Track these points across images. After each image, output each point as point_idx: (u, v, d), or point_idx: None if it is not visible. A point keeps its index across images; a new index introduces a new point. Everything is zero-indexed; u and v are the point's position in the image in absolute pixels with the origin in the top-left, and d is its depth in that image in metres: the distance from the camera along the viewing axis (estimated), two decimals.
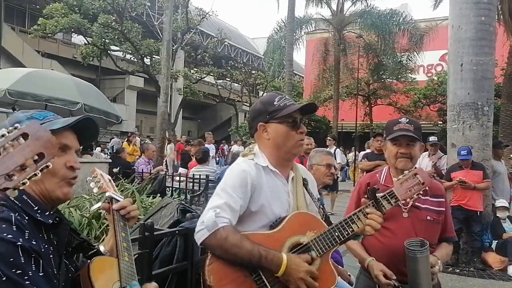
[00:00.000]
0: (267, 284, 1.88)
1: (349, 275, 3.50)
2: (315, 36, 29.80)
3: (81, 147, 1.62)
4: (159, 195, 5.80)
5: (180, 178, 7.53)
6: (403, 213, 2.48)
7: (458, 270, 6.61)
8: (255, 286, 1.89)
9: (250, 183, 1.97)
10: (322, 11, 26.52)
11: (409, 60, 26.60)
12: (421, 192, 2.14)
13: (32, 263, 1.20)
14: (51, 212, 1.36)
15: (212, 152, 10.82)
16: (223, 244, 1.85)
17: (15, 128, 0.93)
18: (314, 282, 1.88)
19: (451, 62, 7.60)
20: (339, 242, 1.99)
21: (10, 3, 31.06)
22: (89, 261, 1.54)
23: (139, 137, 20.89)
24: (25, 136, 0.93)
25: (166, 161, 16.13)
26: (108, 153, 13.42)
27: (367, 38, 26.29)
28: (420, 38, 24.84)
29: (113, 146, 14.93)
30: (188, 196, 6.61)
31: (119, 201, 1.72)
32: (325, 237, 1.97)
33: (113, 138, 21.97)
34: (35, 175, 0.93)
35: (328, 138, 10.99)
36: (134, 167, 9.17)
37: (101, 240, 2.71)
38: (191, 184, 6.91)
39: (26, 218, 1.28)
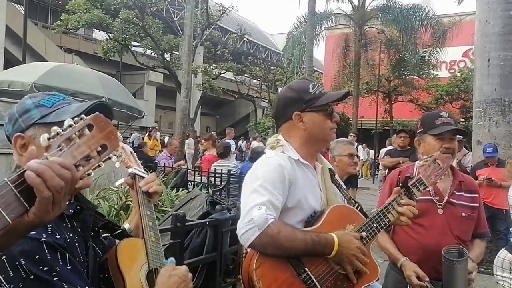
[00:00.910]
0: (316, 283, 1.81)
1: None
2: (336, 31, 29.53)
3: None
4: (181, 188, 5.86)
5: (201, 173, 7.59)
6: (438, 209, 2.43)
7: (482, 269, 6.49)
8: (304, 286, 1.80)
9: (288, 179, 1.88)
10: (343, 6, 26.12)
11: (432, 56, 26.13)
12: (441, 177, 2.15)
13: (59, 257, 1.18)
14: (71, 201, 1.34)
15: (232, 148, 10.85)
16: (276, 240, 1.74)
17: (81, 118, 0.94)
18: (365, 258, 1.86)
19: (477, 58, 7.46)
20: (377, 233, 1.97)
21: None
22: (116, 241, 1.53)
23: (159, 132, 21.08)
24: (90, 127, 0.94)
25: (185, 156, 16.26)
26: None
27: (389, 34, 25.93)
28: (443, 33, 24.38)
29: (133, 141, 15.07)
30: (210, 191, 6.66)
31: (142, 176, 1.67)
32: (365, 229, 1.95)
33: (132, 133, 22.15)
34: (99, 166, 0.95)
35: (351, 134, 10.90)
36: (156, 161, 9.26)
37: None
38: (213, 178, 6.95)
39: None
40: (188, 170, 7.73)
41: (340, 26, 28.54)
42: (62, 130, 0.91)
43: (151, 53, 27.42)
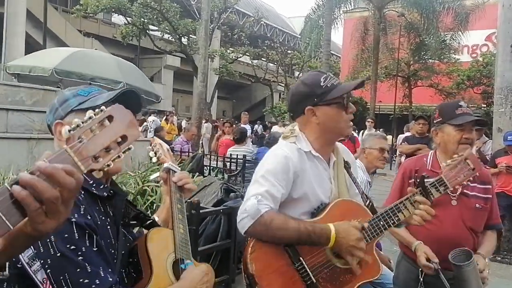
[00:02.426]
0: (310, 273, 1.84)
1: (389, 261, 3.49)
2: (354, 15, 29.04)
3: None
4: (197, 173, 5.91)
5: (217, 158, 7.64)
6: (452, 200, 2.41)
7: (499, 258, 6.45)
8: (298, 275, 1.84)
9: (293, 171, 1.90)
10: None
11: (453, 40, 25.48)
12: (470, 179, 2.06)
13: (86, 238, 1.23)
14: (106, 186, 1.40)
15: (248, 133, 10.86)
16: (269, 228, 1.79)
17: (101, 110, 0.95)
18: (363, 251, 1.83)
19: (500, 43, 7.29)
20: (384, 231, 1.93)
21: None
22: (146, 231, 1.58)
23: (175, 116, 21.19)
24: (110, 118, 0.94)
25: (202, 140, 16.34)
26: (149, 128, 13.71)
27: (409, 17, 25.38)
28: (466, 17, 23.73)
29: (153, 121, 15.19)
30: (226, 176, 6.70)
31: (175, 172, 1.74)
32: (371, 226, 1.90)
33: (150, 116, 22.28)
34: (119, 157, 0.96)
35: (368, 120, 10.79)
36: (173, 145, 9.34)
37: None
38: (229, 163, 6.99)
39: (82, 192, 1.31)
40: (205, 155, 7.78)
41: (359, 9, 28.05)
42: (83, 122, 0.91)
43: (168, 37, 27.45)
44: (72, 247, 1.19)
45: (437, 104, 3.14)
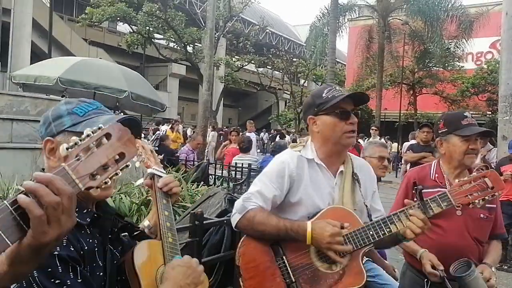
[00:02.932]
0: (290, 271, 1.92)
1: (394, 270, 3.46)
2: (359, 23, 29.11)
3: None
4: (202, 182, 5.91)
5: (222, 166, 7.64)
6: (457, 211, 2.40)
7: (506, 267, 6.39)
8: (278, 272, 1.94)
9: (288, 175, 2.02)
10: None
11: (457, 47, 25.47)
12: (486, 198, 1.94)
13: (70, 271, 1.19)
14: (89, 210, 1.34)
15: (253, 142, 10.84)
16: (252, 222, 1.96)
17: (99, 128, 0.96)
18: (341, 245, 1.87)
19: (504, 51, 7.29)
20: (372, 241, 1.91)
21: None
22: (135, 242, 1.53)
23: (181, 124, 21.27)
24: (108, 136, 0.95)
25: (208, 148, 16.34)
26: (153, 135, 13.77)
27: (413, 25, 25.41)
28: (470, 24, 23.72)
29: (166, 130, 15.30)
30: (231, 185, 6.69)
31: (161, 176, 1.67)
32: (358, 235, 1.92)
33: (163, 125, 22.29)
34: (116, 174, 0.96)
35: (372, 127, 10.73)
36: (178, 154, 9.35)
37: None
38: (234, 172, 6.99)
39: None
40: (210, 164, 7.79)
41: (364, 18, 28.10)
42: (80, 140, 0.92)
43: (174, 45, 27.63)
44: (57, 281, 1.16)
45: (442, 112, 3.11)
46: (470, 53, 29.46)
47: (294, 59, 37.30)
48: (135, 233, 1.58)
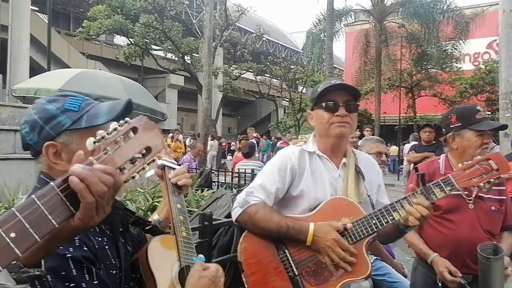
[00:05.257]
0: (293, 265, 1.91)
1: (403, 267, 3.45)
2: (355, 28, 29.27)
3: None
4: (206, 189, 5.90)
5: (225, 173, 7.63)
6: (469, 204, 2.39)
7: None
8: (282, 266, 1.92)
9: (290, 168, 2.02)
10: (362, 2, 26.03)
11: (454, 49, 25.63)
12: (492, 180, 1.87)
13: (85, 273, 1.16)
14: None
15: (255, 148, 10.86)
16: (253, 218, 1.94)
17: (126, 122, 0.95)
18: (342, 252, 1.84)
19: (502, 48, 7.32)
20: (375, 230, 1.88)
21: (55, 7, 32.32)
22: (148, 236, 1.52)
23: (181, 134, 21.31)
24: (134, 130, 0.94)
25: (208, 158, 16.36)
26: None
27: (410, 28, 25.56)
28: (466, 25, 23.87)
29: None
30: (234, 191, 6.67)
31: (172, 168, 1.63)
32: (361, 224, 1.89)
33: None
34: (143, 168, 0.96)
35: (367, 129, 10.43)
36: (180, 163, 9.34)
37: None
38: (237, 178, 6.97)
39: None
40: (212, 171, 7.78)
41: (360, 22, 28.29)
42: (107, 134, 0.92)
43: (171, 56, 27.71)
44: (72, 284, 1.13)
45: (441, 114, 3.10)
46: (467, 54, 29.63)
47: (292, 66, 37.45)
48: (147, 228, 1.56)
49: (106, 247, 1.29)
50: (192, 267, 1.39)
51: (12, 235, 0.77)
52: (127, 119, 0.96)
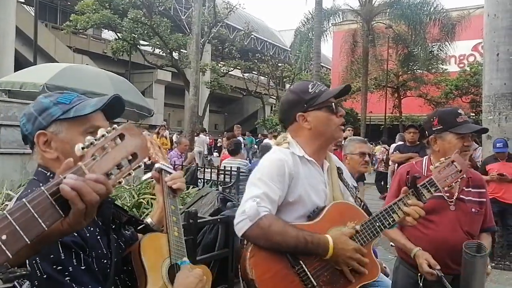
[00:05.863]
0: (310, 276, 1.82)
1: (384, 267, 3.50)
2: (343, 27, 29.43)
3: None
4: (191, 186, 5.90)
5: (211, 170, 7.62)
6: (450, 206, 2.45)
7: (493, 264, 6.48)
8: (298, 279, 1.82)
9: (288, 173, 1.91)
10: (350, 2, 26.21)
11: (440, 50, 25.95)
12: (458, 180, 2.06)
13: (73, 257, 1.20)
14: None
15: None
16: (267, 232, 1.78)
17: (113, 128, 0.99)
18: (362, 258, 1.85)
19: (486, 52, 7.42)
20: (380, 232, 1.94)
21: (42, 0, 31.86)
22: (140, 235, 1.57)
23: (167, 130, 21.21)
24: (121, 136, 0.99)
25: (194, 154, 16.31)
26: None
27: (397, 29, 25.81)
28: (452, 27, 24.18)
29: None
30: (220, 188, 6.68)
31: (168, 172, 1.69)
32: (367, 227, 1.92)
33: (143, 131, 22.33)
34: (129, 174, 1.00)
35: (348, 128, 10.33)
36: (168, 159, 9.29)
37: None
38: (223, 176, 6.97)
39: None
40: (198, 168, 7.77)
41: (348, 22, 28.43)
42: (95, 140, 0.95)
43: (159, 52, 27.59)
44: (59, 267, 1.16)
45: (426, 114, 3.17)
46: (453, 56, 30.01)
47: (280, 64, 37.50)
48: (139, 227, 1.61)
49: (98, 237, 1.34)
50: (180, 270, 1.46)
51: (3, 237, 0.80)
52: (115, 126, 1.00)
